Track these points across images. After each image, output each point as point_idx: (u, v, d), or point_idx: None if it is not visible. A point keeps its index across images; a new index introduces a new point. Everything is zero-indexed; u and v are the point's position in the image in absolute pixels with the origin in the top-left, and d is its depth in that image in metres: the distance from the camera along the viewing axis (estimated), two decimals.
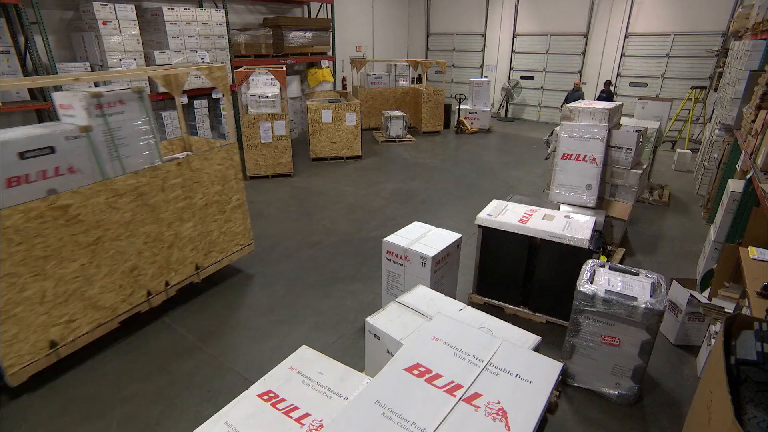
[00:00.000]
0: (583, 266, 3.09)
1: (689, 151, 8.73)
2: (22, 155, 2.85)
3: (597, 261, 3.17)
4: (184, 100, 7.84)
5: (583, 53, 12.42)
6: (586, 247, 3.45)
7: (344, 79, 12.93)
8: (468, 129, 11.74)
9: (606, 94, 10.59)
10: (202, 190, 4.06)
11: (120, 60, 6.93)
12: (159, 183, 3.67)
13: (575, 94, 10.88)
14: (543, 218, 3.82)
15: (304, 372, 1.96)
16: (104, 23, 6.68)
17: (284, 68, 7.17)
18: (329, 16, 11.27)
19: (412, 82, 12.27)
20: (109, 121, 3.31)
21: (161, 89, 7.18)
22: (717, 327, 3.11)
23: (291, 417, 1.74)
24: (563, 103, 10.59)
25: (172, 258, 3.91)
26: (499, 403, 1.71)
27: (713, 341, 2.99)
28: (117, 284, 3.50)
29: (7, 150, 2.78)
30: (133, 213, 3.52)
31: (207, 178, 4.10)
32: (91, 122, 3.19)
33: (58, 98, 3.33)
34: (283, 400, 1.82)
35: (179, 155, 4.07)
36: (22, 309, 2.96)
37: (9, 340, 2.92)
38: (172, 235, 3.86)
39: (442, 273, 3.50)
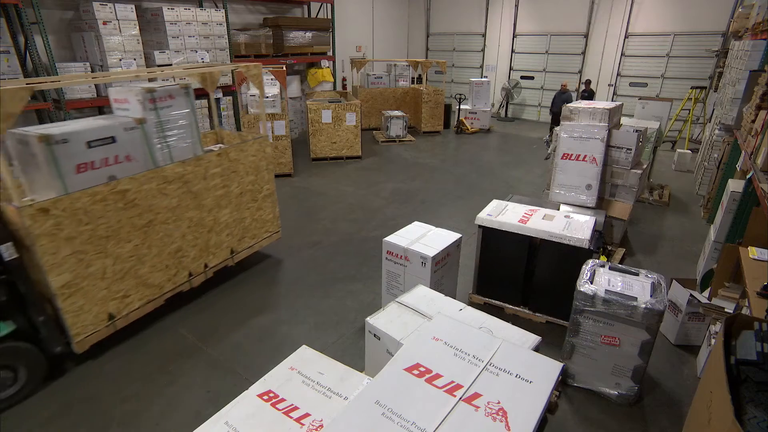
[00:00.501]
0: (583, 266, 3.09)
1: (689, 151, 8.73)
2: (89, 144, 3.15)
3: (597, 261, 3.17)
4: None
5: (583, 53, 12.42)
6: (586, 247, 3.45)
7: (344, 79, 12.93)
8: (468, 129, 11.74)
9: (588, 93, 10.55)
10: (238, 179, 4.36)
11: (120, 60, 6.92)
12: (202, 172, 3.98)
13: (563, 96, 10.48)
14: (543, 218, 3.82)
15: (304, 372, 1.96)
16: (104, 23, 6.67)
17: (284, 68, 7.17)
18: (329, 16, 11.26)
19: (412, 82, 12.27)
20: (160, 114, 3.61)
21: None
22: (717, 327, 3.11)
23: (291, 417, 1.74)
24: (551, 105, 10.58)
25: (211, 242, 4.22)
26: (499, 403, 1.71)
27: (713, 341, 2.99)
28: (164, 264, 3.81)
29: (78, 139, 3.07)
30: (179, 199, 3.83)
31: (242, 168, 4.40)
32: (145, 115, 3.49)
33: (113, 93, 3.65)
34: (283, 400, 1.82)
35: (213, 147, 4.36)
36: (87, 283, 3.27)
37: (76, 311, 3.23)
38: (211, 220, 4.17)
39: (442, 273, 3.50)
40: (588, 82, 10.92)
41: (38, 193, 3.04)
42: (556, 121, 10.05)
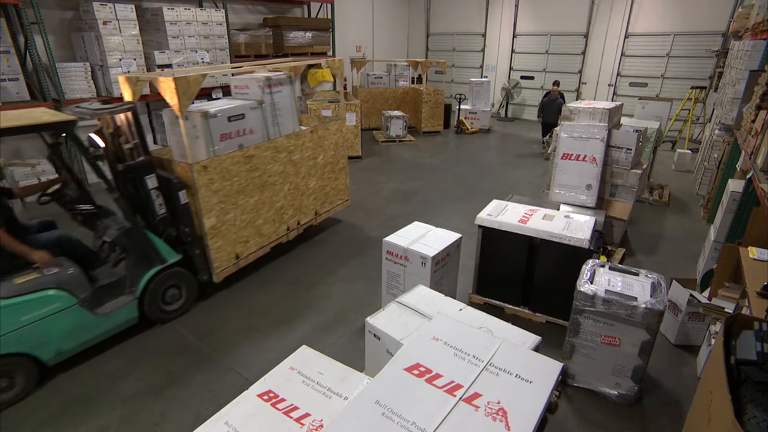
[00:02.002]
0: (583, 266, 3.09)
1: (689, 151, 8.73)
2: (229, 119, 4.05)
3: (597, 261, 3.17)
4: None
5: (583, 53, 12.42)
6: (586, 247, 3.45)
7: (344, 79, 12.92)
8: (468, 129, 11.73)
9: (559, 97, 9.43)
10: (323, 153, 5.23)
11: (120, 60, 6.92)
12: (300, 145, 4.84)
13: (555, 103, 9.09)
14: (543, 218, 3.82)
15: (304, 372, 1.96)
16: (104, 23, 6.67)
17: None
18: (329, 16, 11.27)
19: (412, 82, 12.26)
20: (273, 97, 4.53)
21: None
22: (717, 327, 3.11)
23: (291, 417, 1.74)
24: (540, 113, 9.67)
25: (303, 204, 5.09)
26: (499, 403, 1.71)
27: (713, 341, 2.98)
28: (272, 218, 4.66)
29: (223, 115, 3.99)
30: (284, 166, 4.68)
31: (327, 144, 5.26)
32: (263, 98, 4.42)
33: (234, 81, 4.64)
34: (283, 400, 1.82)
35: (302, 127, 5.16)
36: (225, 227, 4.10)
37: (217, 249, 4.06)
38: (304, 185, 5.04)
39: (442, 273, 3.50)
40: (556, 83, 9.57)
41: (195, 155, 3.87)
42: (546, 130, 9.45)
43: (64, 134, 3.13)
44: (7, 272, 2.97)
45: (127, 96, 3.86)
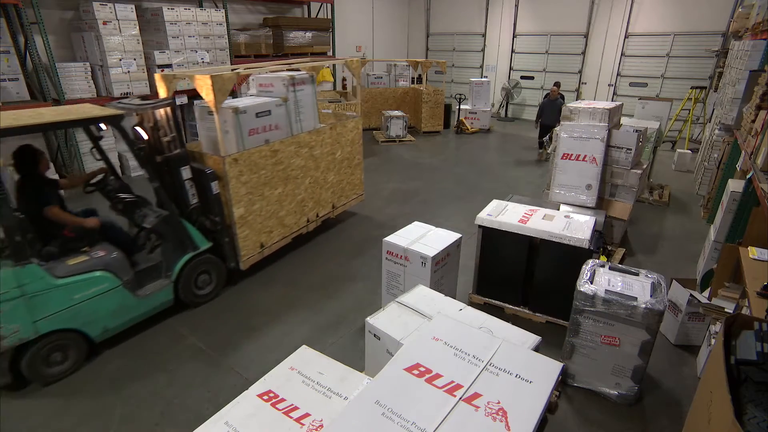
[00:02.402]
0: (583, 266, 3.09)
1: (689, 151, 8.72)
2: (257, 114, 4.28)
3: (597, 261, 3.17)
4: (184, 100, 7.84)
5: (583, 53, 12.42)
6: (586, 247, 3.45)
7: (344, 79, 12.93)
8: (468, 129, 11.73)
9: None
10: (341, 149, 5.48)
11: (120, 60, 6.92)
12: (320, 140, 5.09)
13: (555, 104, 8.70)
14: (543, 218, 3.82)
15: (304, 372, 1.96)
16: (104, 23, 6.68)
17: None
18: (329, 16, 11.27)
19: (412, 82, 12.26)
20: (297, 95, 4.77)
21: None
22: (717, 327, 3.11)
23: (291, 417, 1.74)
24: (539, 115, 9.16)
25: (322, 197, 5.33)
26: (499, 403, 1.71)
27: (713, 341, 2.98)
28: (293, 210, 4.90)
29: (252, 111, 4.21)
30: (306, 160, 4.92)
31: (344, 140, 5.52)
32: (287, 95, 4.65)
33: (258, 79, 4.88)
34: (283, 400, 1.82)
35: (322, 124, 5.33)
36: (252, 217, 4.33)
37: (244, 238, 4.30)
38: (323, 179, 5.27)
39: (442, 273, 3.50)
40: (557, 84, 9.34)
41: (227, 148, 4.04)
42: (544, 132, 8.88)
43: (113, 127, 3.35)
44: (59, 255, 3.22)
45: (162, 93, 4.08)
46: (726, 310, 3.01)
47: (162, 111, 3.64)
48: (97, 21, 6.59)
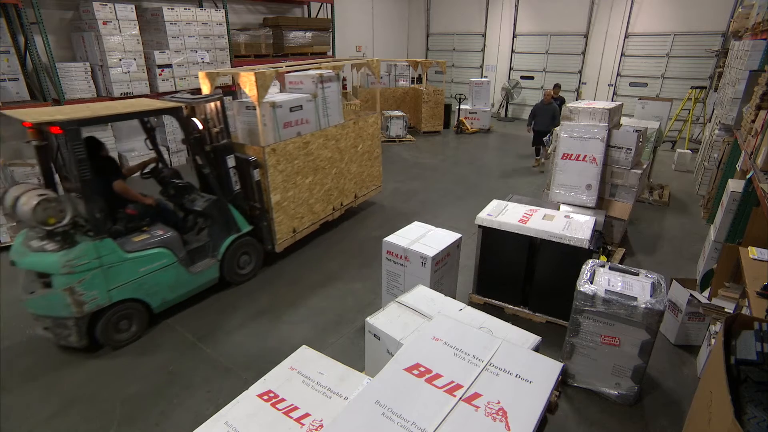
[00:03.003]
0: (583, 266, 3.09)
1: (689, 151, 8.72)
2: (291, 109, 4.71)
3: (597, 261, 3.17)
4: None
5: (583, 53, 12.41)
6: (586, 247, 3.45)
7: (344, 79, 12.91)
8: (468, 129, 11.73)
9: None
10: (362, 142, 5.89)
11: (120, 60, 6.92)
12: (344, 134, 5.50)
13: (547, 109, 8.23)
14: (543, 218, 3.82)
15: (304, 372, 1.96)
16: (104, 23, 6.67)
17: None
18: (329, 16, 11.26)
19: (412, 82, 12.26)
20: (325, 91, 5.17)
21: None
22: (717, 327, 3.11)
23: (291, 417, 1.74)
24: (531, 121, 8.51)
25: (345, 187, 5.74)
26: (499, 403, 1.71)
27: (713, 341, 2.99)
28: (321, 198, 5.30)
29: (287, 106, 4.65)
30: (332, 152, 5.32)
31: (365, 134, 5.93)
32: (317, 92, 5.05)
33: (289, 77, 5.29)
34: (283, 400, 1.82)
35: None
36: (287, 203, 4.73)
37: (279, 223, 4.68)
38: (347, 170, 5.68)
39: (442, 273, 3.50)
40: (557, 86, 9.17)
41: (266, 139, 4.41)
42: (537, 139, 8.47)
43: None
44: (123, 233, 3.59)
45: (205, 89, 4.50)
46: (726, 310, 3.01)
47: (212, 104, 4.00)
48: (97, 21, 6.59)
